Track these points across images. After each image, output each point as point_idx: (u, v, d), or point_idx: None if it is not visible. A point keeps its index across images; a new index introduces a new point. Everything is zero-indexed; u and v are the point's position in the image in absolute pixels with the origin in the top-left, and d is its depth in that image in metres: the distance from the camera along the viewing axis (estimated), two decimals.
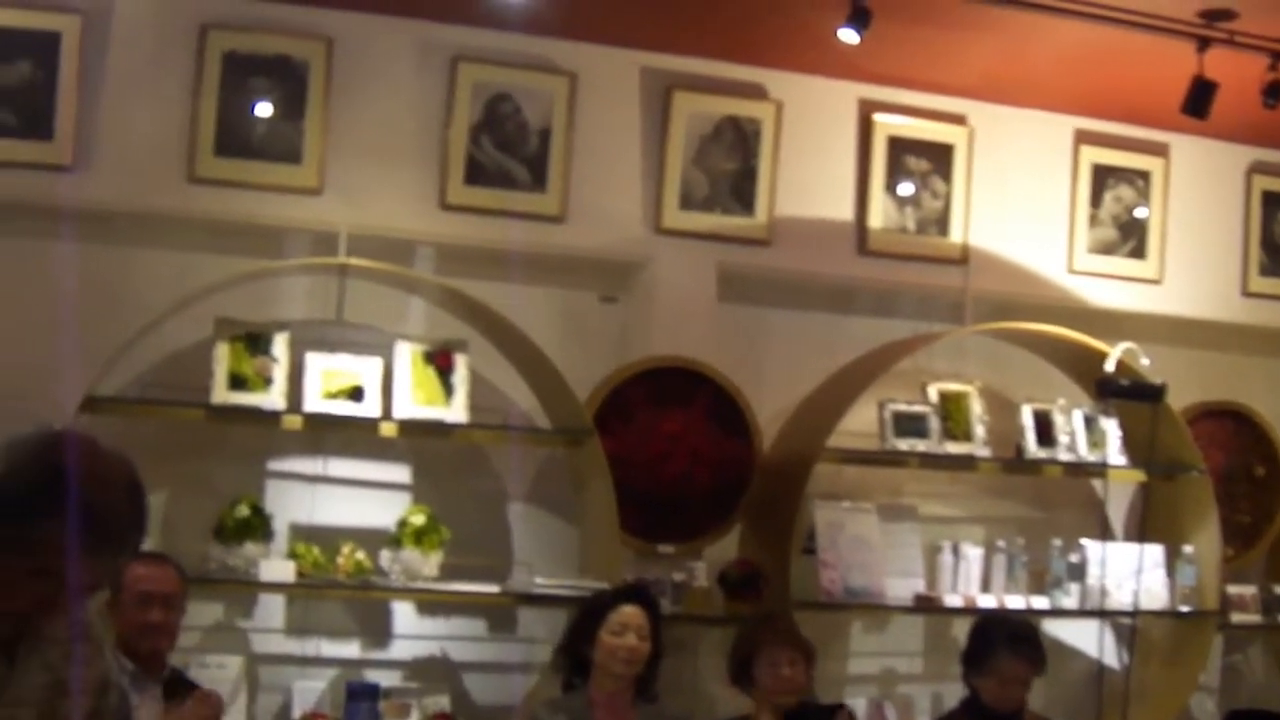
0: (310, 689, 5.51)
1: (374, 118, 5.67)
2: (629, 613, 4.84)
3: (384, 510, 5.56)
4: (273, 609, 5.57)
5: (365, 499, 5.64)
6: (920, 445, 5.92)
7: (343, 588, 5.32)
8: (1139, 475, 6.27)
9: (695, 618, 5.59)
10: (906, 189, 6.24)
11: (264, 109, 5.54)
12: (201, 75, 5.50)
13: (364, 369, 5.41)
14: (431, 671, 5.66)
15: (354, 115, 5.63)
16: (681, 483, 5.80)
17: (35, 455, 2.43)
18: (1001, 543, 6.07)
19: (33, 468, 2.41)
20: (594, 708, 4.80)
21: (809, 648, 5.05)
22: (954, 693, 5.56)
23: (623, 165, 5.95)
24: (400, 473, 5.71)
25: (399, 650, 5.69)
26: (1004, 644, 5.08)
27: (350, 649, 5.64)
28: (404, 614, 5.70)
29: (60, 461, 2.42)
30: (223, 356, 5.27)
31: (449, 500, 5.59)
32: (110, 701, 2.84)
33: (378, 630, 5.68)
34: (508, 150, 5.75)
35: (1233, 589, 6.31)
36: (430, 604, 5.66)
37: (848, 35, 5.24)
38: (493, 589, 5.47)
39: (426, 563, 5.36)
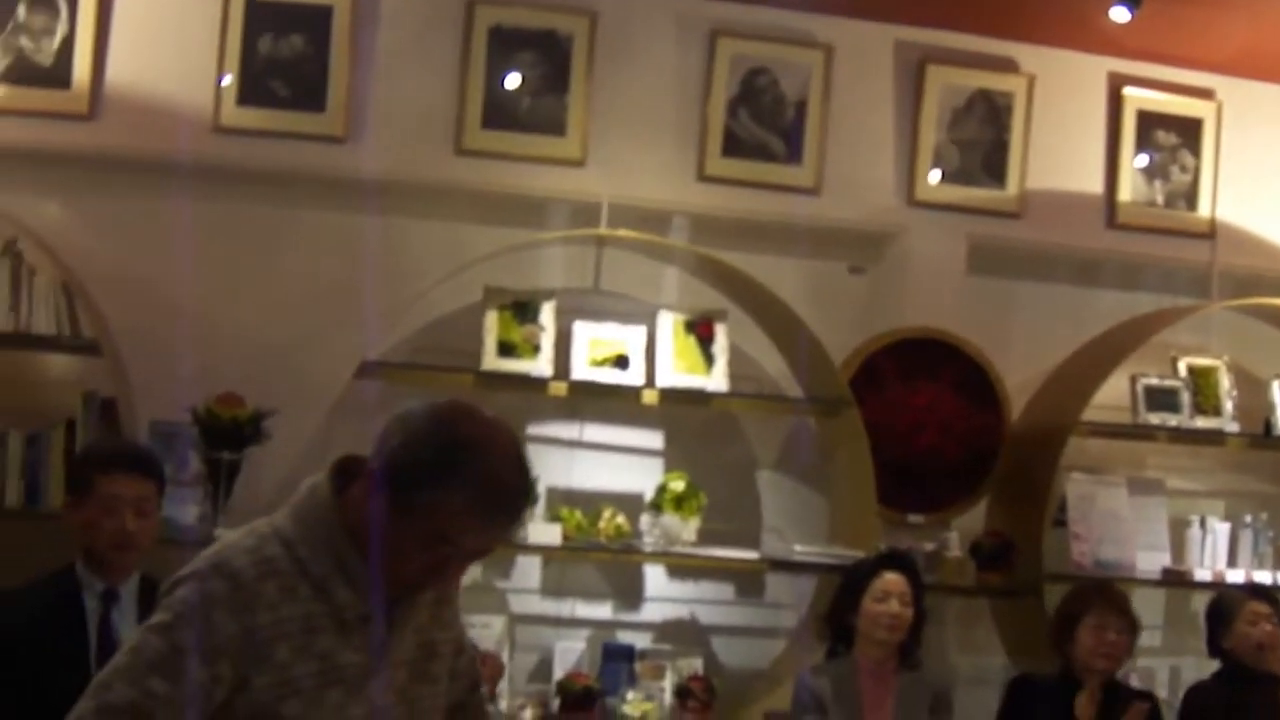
0: (570, 649, 5.64)
1: (635, 91, 5.76)
2: (891, 580, 4.90)
3: (638, 476, 5.69)
4: (530, 571, 5.70)
5: (620, 464, 5.75)
6: (1172, 420, 5.93)
7: (604, 551, 5.44)
8: None
9: (947, 588, 5.64)
10: (1154, 163, 6.21)
11: (529, 82, 5.64)
12: (468, 49, 5.62)
13: (629, 337, 5.52)
14: (682, 634, 5.77)
15: (616, 88, 5.73)
16: (931, 454, 5.84)
17: (430, 425, 2.54)
18: (1248, 518, 6.06)
19: (429, 437, 2.53)
20: (859, 674, 4.87)
21: (1136, 621, 5.06)
22: (1192, 666, 5.60)
23: (876, 138, 6.00)
24: (654, 439, 5.81)
25: (650, 613, 5.80)
26: (1245, 592, 5.22)
27: (603, 611, 5.77)
28: (655, 577, 5.81)
29: (455, 431, 2.53)
30: (492, 324, 5.41)
31: (700, 467, 5.67)
32: (462, 663, 2.97)
33: (630, 593, 5.79)
34: (764, 123, 5.82)
35: None
36: (681, 568, 5.76)
37: (1119, 14, 5.26)
38: (750, 555, 5.55)
39: (685, 528, 5.46)
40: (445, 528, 2.50)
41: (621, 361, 5.49)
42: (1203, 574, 5.89)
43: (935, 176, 5.99)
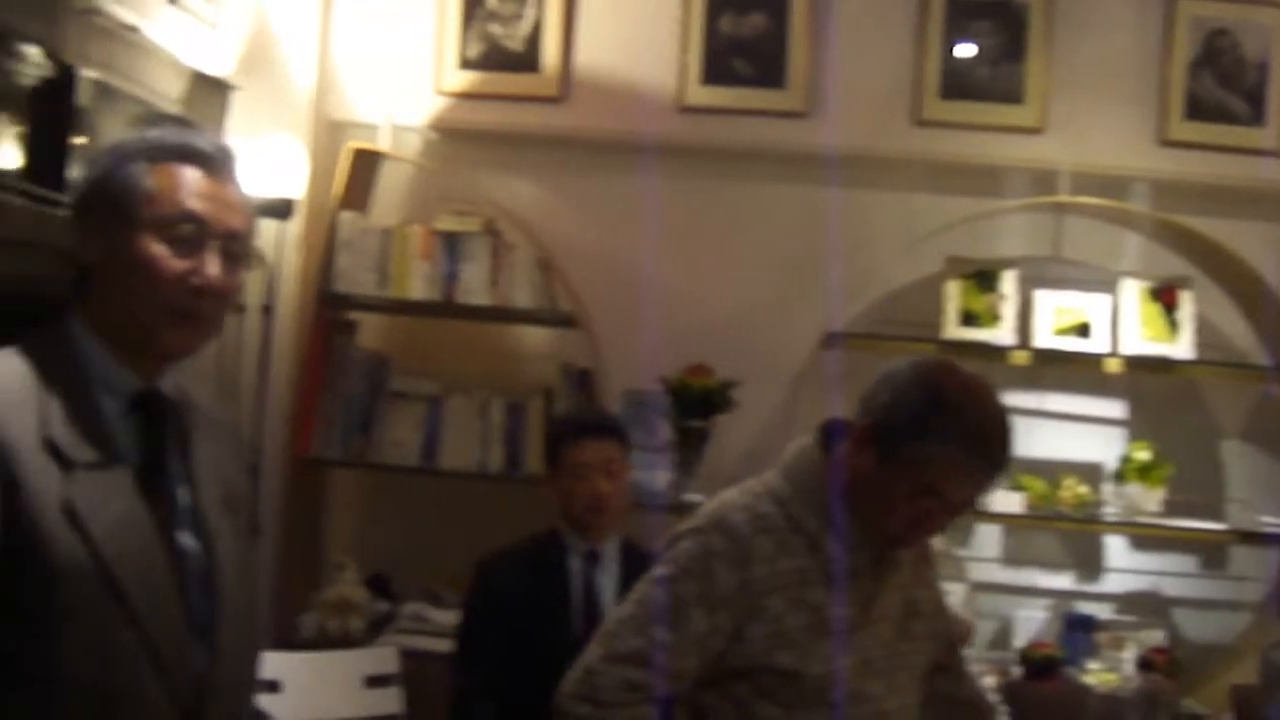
0: (1030, 618, 5.64)
1: (1093, 56, 5.69)
2: None
3: (1098, 445, 5.64)
4: (990, 539, 5.72)
5: (1081, 433, 5.71)
6: None
7: (1066, 520, 5.41)
8: None
9: None
10: None
11: (986, 51, 5.65)
12: (925, 20, 5.65)
13: (1091, 305, 5.48)
14: (1143, 606, 5.69)
15: (1073, 54, 5.68)
16: None
17: (917, 381, 2.64)
18: None
19: (917, 392, 2.62)
20: None
21: None
22: None
23: None
24: (1116, 408, 5.74)
25: (1111, 584, 5.74)
26: None
27: (1063, 580, 5.74)
28: (1117, 548, 5.75)
29: (942, 385, 2.62)
30: (954, 293, 5.44)
31: (1163, 436, 5.58)
32: (940, 624, 3.03)
33: (1090, 563, 5.75)
34: (1227, 85, 5.68)
35: None
36: (1143, 539, 5.68)
37: None
38: (1216, 526, 5.45)
39: (1149, 498, 5.40)
40: (932, 479, 2.59)
41: (1083, 329, 5.46)
42: None
43: None
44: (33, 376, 2.09)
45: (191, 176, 2.17)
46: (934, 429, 2.58)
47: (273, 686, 4.38)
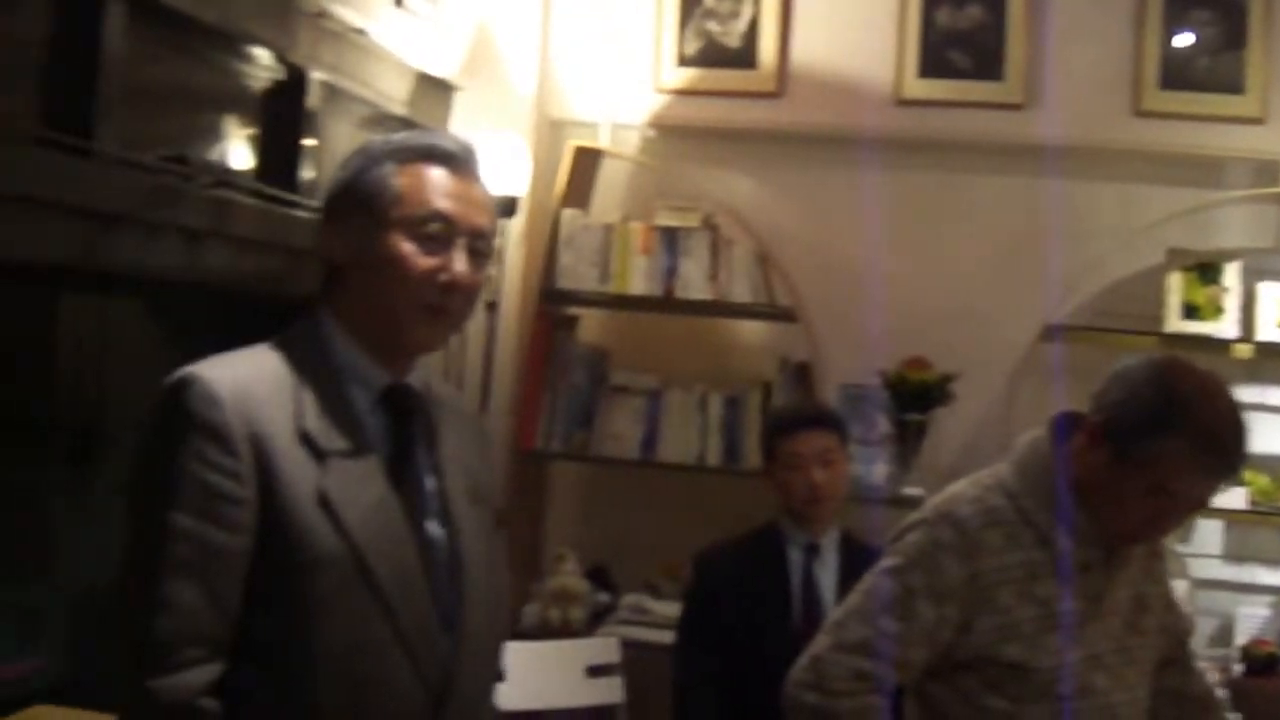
0: (1252, 615, 5.55)
1: None
2: None
3: None
4: (1211, 535, 5.64)
5: None
6: None
7: None
8: None
9: None
10: None
11: (1205, 41, 5.57)
12: (1144, 10, 5.59)
13: None
14: None
15: None
16: None
17: (1152, 378, 2.65)
18: None
19: (1152, 390, 2.63)
20: None
21: None
22: None
23: None
24: None
25: None
26: None
27: None
28: None
29: (1176, 383, 2.63)
30: (1175, 286, 5.38)
31: None
32: (1170, 619, 3.02)
33: None
34: None
35: None
36: None
37: None
38: None
39: None
40: (1165, 478, 2.60)
41: None
42: None
43: None
44: (287, 371, 2.18)
45: (438, 176, 2.25)
46: (1167, 428, 2.59)
47: (496, 675, 4.49)
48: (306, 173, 4.04)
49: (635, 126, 5.87)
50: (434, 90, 5.06)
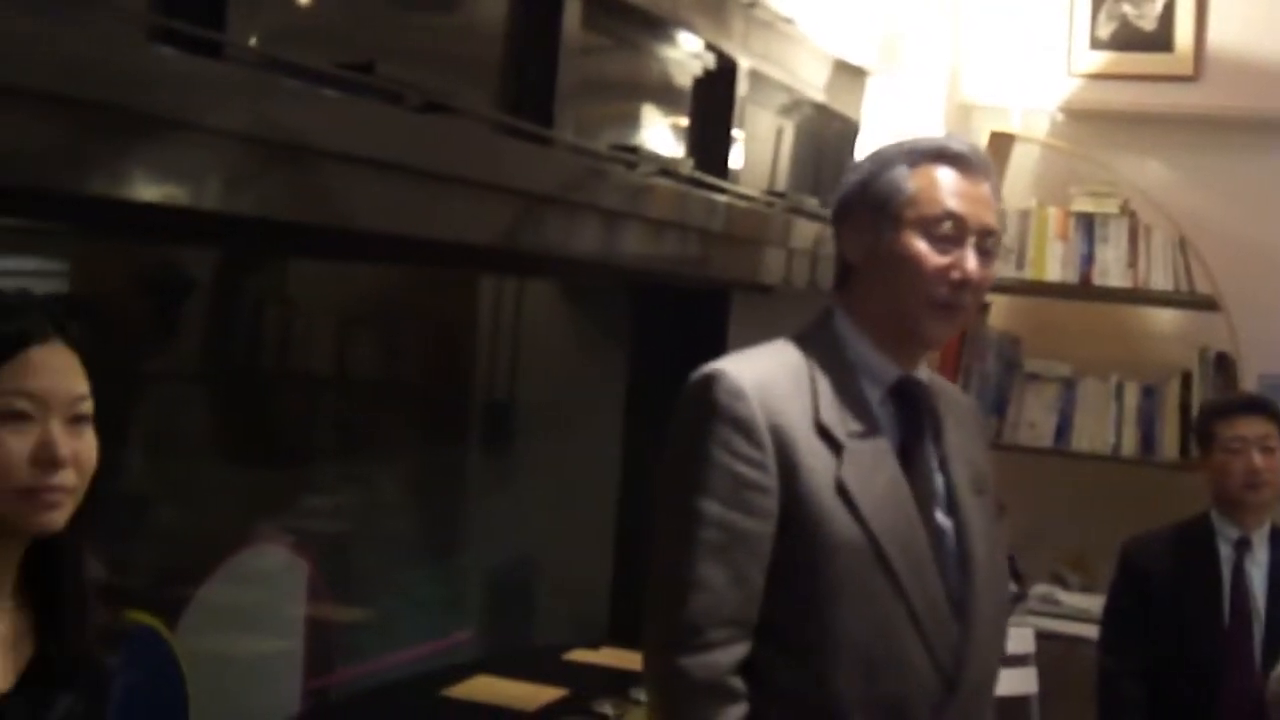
0: None
1: None
2: None
3: None
4: None
5: None
6: None
7: None
8: None
9: None
10: None
11: None
12: None
13: None
14: None
15: None
16: None
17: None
18: None
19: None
20: None
21: None
22: None
23: None
24: None
25: None
26: None
27: None
28: None
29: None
30: None
31: None
32: None
33: None
34: None
35: None
36: None
37: None
38: None
39: None
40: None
41: None
42: None
43: None
44: (804, 366, 2.33)
45: (949, 177, 2.33)
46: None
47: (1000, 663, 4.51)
48: (735, 161, 4.10)
49: (1046, 111, 5.79)
50: (849, 77, 5.08)
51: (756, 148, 4.33)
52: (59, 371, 1.77)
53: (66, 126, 1.80)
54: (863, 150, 4.98)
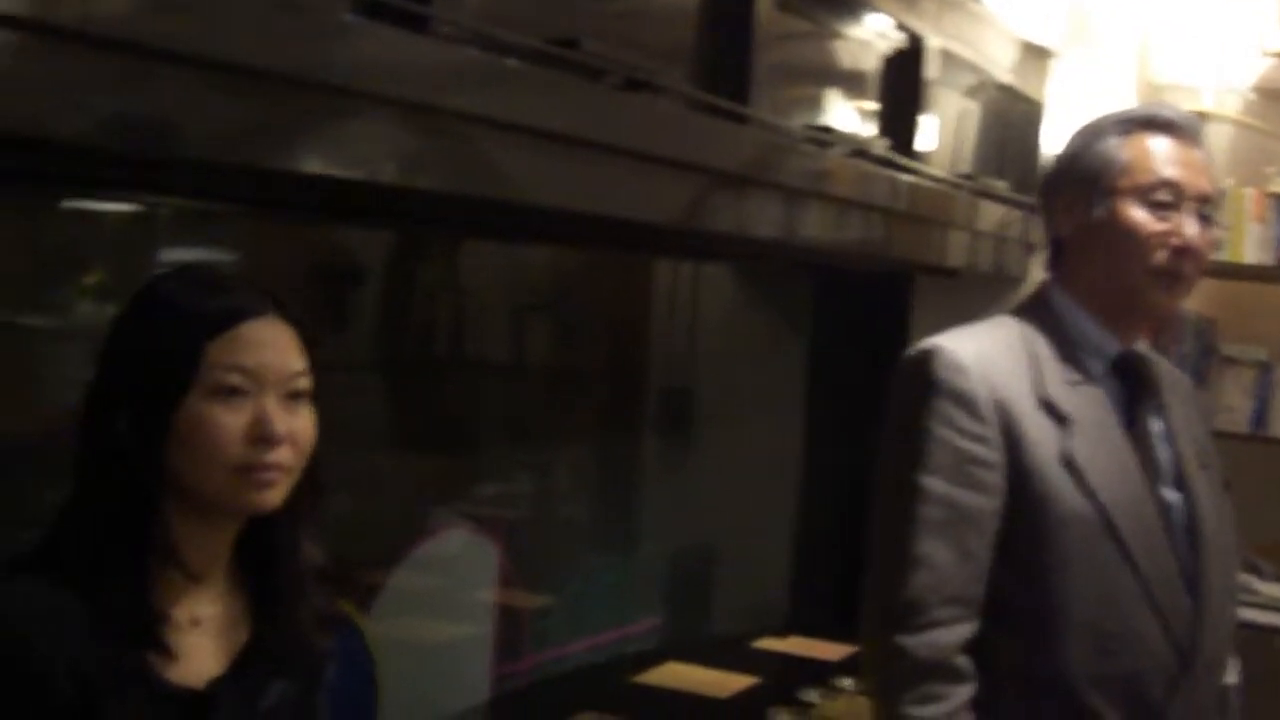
0: None
1: None
2: None
3: None
4: None
5: None
6: None
7: None
8: None
9: None
10: None
11: None
12: None
13: None
14: None
15: None
16: None
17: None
18: None
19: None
20: None
21: None
22: None
23: None
24: None
25: None
26: None
27: None
28: None
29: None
30: None
31: None
32: None
33: None
34: None
35: None
36: None
37: None
38: None
39: None
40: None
41: None
42: None
43: None
44: (1024, 341, 2.32)
45: (1162, 144, 2.32)
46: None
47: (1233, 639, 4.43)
48: (923, 142, 4.03)
49: (1239, 91, 5.62)
50: (1034, 58, 5.00)
51: (944, 129, 4.26)
52: (274, 347, 1.73)
53: (265, 101, 1.75)
54: (1048, 133, 4.90)
